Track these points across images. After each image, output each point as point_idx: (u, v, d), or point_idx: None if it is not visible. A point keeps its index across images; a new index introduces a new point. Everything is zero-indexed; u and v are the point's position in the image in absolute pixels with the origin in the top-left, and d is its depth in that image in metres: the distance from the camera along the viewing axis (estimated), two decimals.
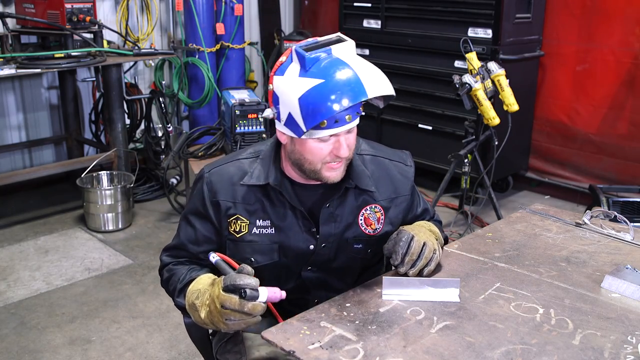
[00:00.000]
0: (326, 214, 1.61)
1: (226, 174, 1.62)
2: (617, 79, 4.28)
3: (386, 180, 1.69)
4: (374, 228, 1.67)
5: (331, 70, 1.41)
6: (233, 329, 1.41)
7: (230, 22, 5.10)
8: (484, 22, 4.30)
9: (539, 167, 4.81)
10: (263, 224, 1.61)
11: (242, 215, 1.60)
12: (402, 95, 4.86)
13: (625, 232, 1.85)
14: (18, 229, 4.10)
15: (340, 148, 1.49)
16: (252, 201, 1.60)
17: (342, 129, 1.47)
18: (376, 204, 1.67)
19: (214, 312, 1.40)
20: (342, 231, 1.64)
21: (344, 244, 1.65)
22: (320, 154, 1.50)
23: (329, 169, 1.53)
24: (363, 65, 1.44)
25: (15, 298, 3.24)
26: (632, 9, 4.13)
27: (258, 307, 1.36)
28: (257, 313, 1.37)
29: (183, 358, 2.76)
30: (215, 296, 1.40)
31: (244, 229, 1.61)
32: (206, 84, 4.88)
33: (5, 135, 4.63)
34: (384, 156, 1.72)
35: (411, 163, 1.76)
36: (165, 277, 1.66)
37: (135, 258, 3.72)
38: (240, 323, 1.38)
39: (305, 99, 1.41)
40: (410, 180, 1.74)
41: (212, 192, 1.61)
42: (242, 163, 1.64)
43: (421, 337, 1.32)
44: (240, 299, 1.35)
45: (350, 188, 1.63)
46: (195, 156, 3.95)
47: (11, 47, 3.92)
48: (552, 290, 1.53)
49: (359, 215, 1.65)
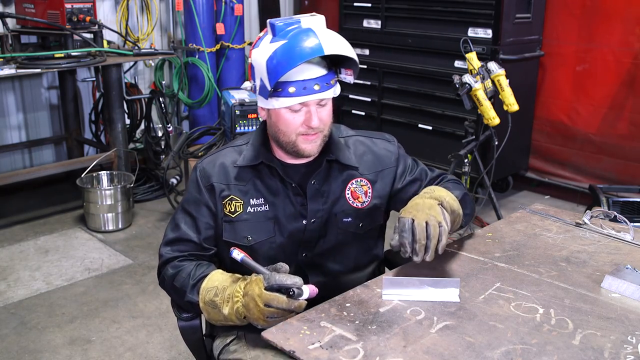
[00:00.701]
0: (312, 190, 1.67)
1: (218, 160, 1.71)
2: (617, 79, 4.27)
3: (369, 155, 1.76)
4: (362, 201, 1.72)
5: (294, 33, 1.52)
6: (270, 325, 1.42)
7: (230, 22, 5.10)
8: (484, 22, 4.30)
9: (539, 167, 4.81)
10: (257, 202, 1.67)
11: (236, 195, 1.67)
12: (402, 95, 4.87)
13: (625, 232, 1.85)
14: (18, 229, 4.10)
15: (310, 118, 1.56)
16: (245, 181, 1.67)
17: (311, 97, 1.55)
18: (362, 177, 1.73)
19: (254, 310, 1.42)
20: (330, 206, 1.69)
21: (333, 219, 1.70)
22: (293, 124, 1.58)
23: (304, 140, 1.60)
24: (326, 31, 1.54)
25: (15, 298, 3.24)
26: (632, 9, 4.13)
27: (303, 304, 1.41)
28: (301, 311, 1.41)
29: (183, 358, 2.76)
30: (256, 295, 1.41)
31: (238, 209, 1.67)
32: (206, 84, 4.88)
33: (5, 135, 4.63)
34: (366, 135, 1.81)
35: (394, 140, 1.83)
36: (171, 273, 1.65)
37: (135, 258, 3.72)
38: (280, 320, 1.41)
39: (270, 59, 1.51)
40: (394, 153, 1.78)
41: (206, 178, 1.68)
42: (233, 149, 1.73)
43: (421, 337, 1.32)
44: (288, 297, 1.39)
45: (332, 162, 1.69)
46: (195, 156, 3.95)
47: (11, 47, 3.92)
48: (552, 290, 1.53)
49: (345, 190, 1.71)
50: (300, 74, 1.53)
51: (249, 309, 1.44)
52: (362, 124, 5.03)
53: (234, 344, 1.70)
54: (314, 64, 1.55)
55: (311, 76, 1.53)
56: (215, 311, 1.52)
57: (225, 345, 1.72)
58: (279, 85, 1.53)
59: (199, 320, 1.71)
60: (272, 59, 1.51)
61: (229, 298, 1.49)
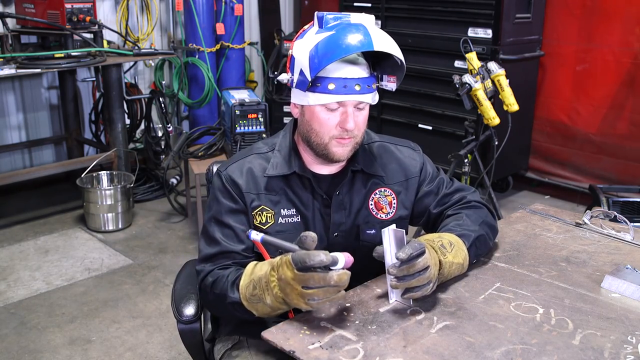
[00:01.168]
0: (337, 202, 1.62)
1: (245, 168, 1.62)
2: (617, 79, 4.28)
3: (394, 164, 1.70)
4: (386, 212, 1.67)
5: (344, 26, 1.46)
6: (318, 308, 1.34)
7: (230, 22, 5.10)
8: (484, 22, 4.30)
9: (539, 167, 4.81)
10: (288, 213, 1.61)
11: (267, 205, 1.60)
12: (402, 95, 4.87)
13: (625, 232, 1.85)
14: (18, 229, 4.10)
15: (346, 120, 1.49)
16: (275, 191, 1.60)
17: (350, 97, 1.48)
18: (386, 187, 1.67)
19: (292, 295, 1.31)
20: (353, 218, 1.64)
21: (355, 231, 1.65)
22: (327, 125, 1.51)
23: (337, 143, 1.53)
24: (377, 29, 1.47)
25: (15, 298, 3.24)
26: (632, 9, 4.13)
27: (344, 276, 1.27)
28: (343, 283, 1.28)
29: (183, 358, 2.76)
30: (290, 279, 1.30)
31: (270, 220, 1.60)
32: (206, 84, 4.88)
33: (5, 135, 4.63)
34: (390, 142, 1.74)
35: (418, 148, 1.78)
36: (210, 282, 1.53)
37: (135, 258, 3.72)
38: (325, 301, 1.30)
39: (314, 49, 1.44)
40: (419, 162, 1.73)
41: (235, 186, 1.60)
42: (259, 156, 1.64)
43: (421, 337, 1.32)
44: (323, 272, 1.26)
45: (357, 172, 1.63)
46: (195, 156, 3.95)
47: (11, 47, 3.91)
48: (552, 290, 1.53)
49: (368, 200, 1.65)
50: (342, 71, 1.46)
51: (287, 294, 1.33)
52: None
53: (236, 349, 1.66)
54: (357, 64, 1.48)
55: (353, 75, 1.46)
56: (260, 305, 1.40)
57: (227, 350, 1.67)
58: (319, 80, 1.46)
59: (198, 324, 1.69)
60: (316, 48, 1.44)
61: (266, 286, 1.37)
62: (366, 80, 1.49)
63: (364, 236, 1.66)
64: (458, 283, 1.55)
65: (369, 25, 1.47)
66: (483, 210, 1.72)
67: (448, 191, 1.74)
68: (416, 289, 1.39)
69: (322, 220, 1.63)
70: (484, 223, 1.67)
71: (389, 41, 1.46)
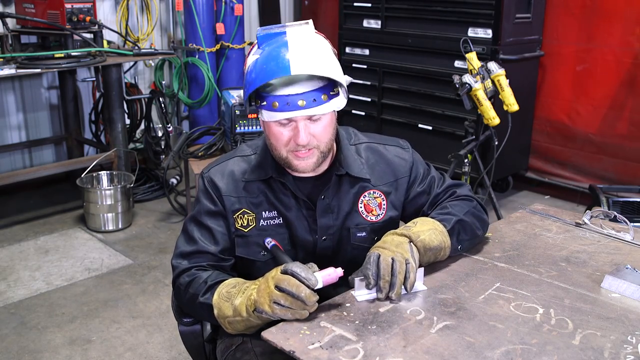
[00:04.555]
0: (322, 206, 1.61)
1: (227, 170, 1.64)
2: (617, 79, 4.28)
3: (382, 164, 1.68)
4: (376, 214, 1.66)
5: (269, 47, 1.46)
6: (277, 315, 1.35)
7: (230, 22, 5.10)
8: (484, 22, 4.30)
9: (539, 167, 4.81)
10: (270, 215, 1.61)
11: (248, 208, 1.61)
12: (402, 95, 4.87)
13: (625, 232, 1.85)
14: (18, 229, 4.10)
15: (297, 135, 1.47)
16: (255, 194, 1.61)
17: (295, 114, 1.45)
18: (375, 189, 1.66)
19: (263, 292, 1.36)
20: (341, 222, 1.63)
21: (346, 233, 1.64)
22: (281, 139, 1.50)
23: (295, 157, 1.52)
24: (304, 47, 1.44)
25: (15, 298, 3.24)
26: (632, 9, 4.13)
27: (312, 297, 1.33)
28: (310, 302, 1.33)
29: (183, 358, 2.76)
30: (270, 276, 1.37)
31: (251, 223, 1.61)
32: (206, 84, 4.88)
33: (5, 135, 4.63)
34: (378, 142, 1.72)
35: (407, 146, 1.75)
36: (186, 281, 1.55)
37: (135, 258, 3.72)
38: (287, 312, 1.33)
39: (247, 73, 1.48)
40: (408, 161, 1.71)
41: (216, 189, 1.61)
42: (241, 159, 1.65)
43: (421, 337, 1.32)
44: (299, 282, 1.32)
45: (342, 176, 1.62)
46: (195, 156, 3.95)
47: (11, 47, 3.92)
48: (552, 290, 1.53)
49: (357, 203, 1.65)
50: (284, 88, 1.44)
51: (259, 291, 1.37)
52: (362, 124, 5.03)
53: (240, 350, 1.64)
54: (297, 82, 1.44)
55: (295, 92, 1.43)
56: (226, 304, 1.43)
57: (231, 351, 1.66)
58: (264, 98, 1.46)
59: (199, 325, 1.69)
60: (246, 72, 1.47)
61: (245, 289, 1.42)
62: (311, 94, 1.44)
63: (355, 239, 1.66)
64: (458, 283, 1.55)
65: (295, 44, 1.43)
66: (472, 202, 1.73)
67: (439, 190, 1.75)
68: (407, 276, 1.44)
69: (306, 222, 1.62)
70: (469, 213, 1.68)
71: (311, 61, 1.42)
